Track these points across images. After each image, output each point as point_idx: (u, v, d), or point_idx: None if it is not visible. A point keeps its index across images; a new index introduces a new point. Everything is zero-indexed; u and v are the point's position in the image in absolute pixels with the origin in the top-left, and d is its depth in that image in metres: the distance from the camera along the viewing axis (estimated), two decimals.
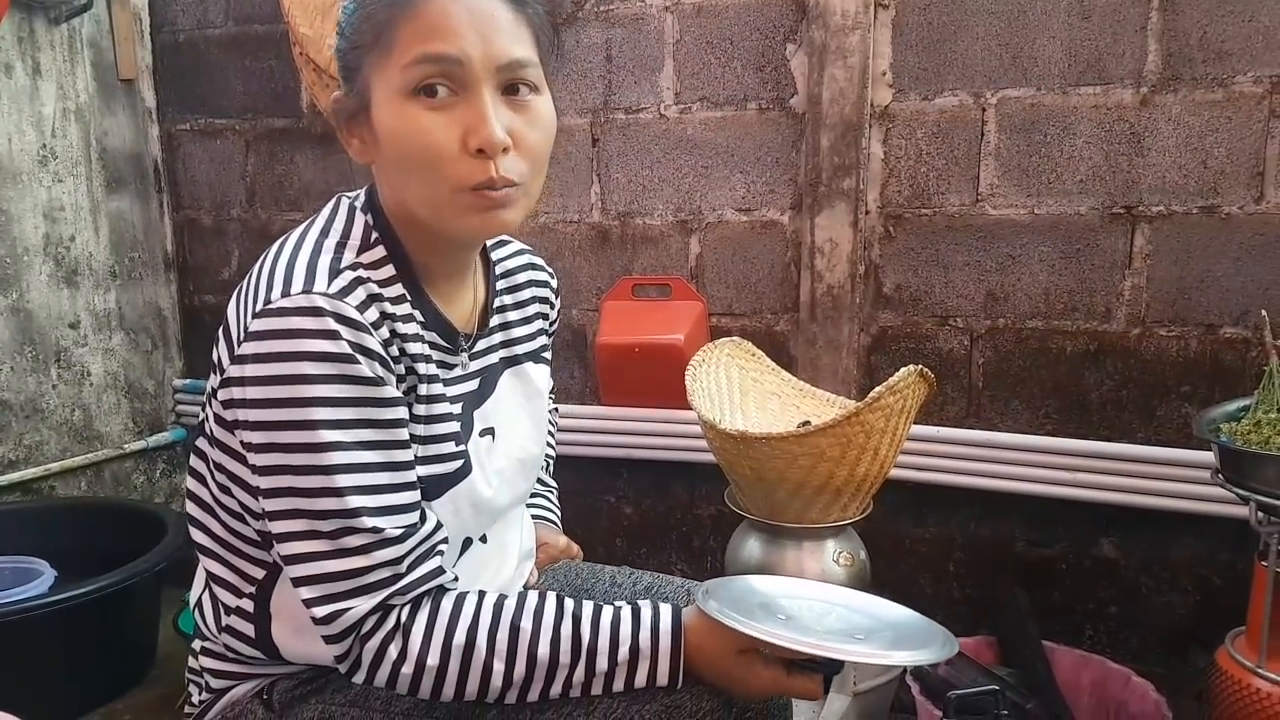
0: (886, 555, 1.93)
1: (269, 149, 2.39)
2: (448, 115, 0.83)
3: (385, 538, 0.83)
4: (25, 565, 1.93)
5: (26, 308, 2.20)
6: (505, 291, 1.06)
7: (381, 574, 0.84)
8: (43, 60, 2.20)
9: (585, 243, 2.13)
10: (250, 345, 0.81)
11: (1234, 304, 1.70)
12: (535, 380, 1.08)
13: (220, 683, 0.99)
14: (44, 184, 2.22)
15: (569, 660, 0.86)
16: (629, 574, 1.19)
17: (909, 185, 1.87)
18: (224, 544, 0.95)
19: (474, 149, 0.82)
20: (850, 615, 0.96)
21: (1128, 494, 1.75)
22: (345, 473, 0.82)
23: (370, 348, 0.82)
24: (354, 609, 0.83)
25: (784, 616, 0.93)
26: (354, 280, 0.84)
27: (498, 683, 0.86)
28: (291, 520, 0.83)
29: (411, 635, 0.85)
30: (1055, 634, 1.79)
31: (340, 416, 0.81)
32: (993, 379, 1.88)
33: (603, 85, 2.05)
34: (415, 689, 0.86)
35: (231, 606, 0.95)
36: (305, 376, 0.80)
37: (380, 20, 0.84)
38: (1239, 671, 1.39)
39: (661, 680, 0.87)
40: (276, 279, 0.83)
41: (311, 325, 0.80)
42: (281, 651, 0.94)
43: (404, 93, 0.83)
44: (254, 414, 0.82)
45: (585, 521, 2.18)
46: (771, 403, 1.70)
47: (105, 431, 2.39)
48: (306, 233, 0.90)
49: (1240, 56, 1.63)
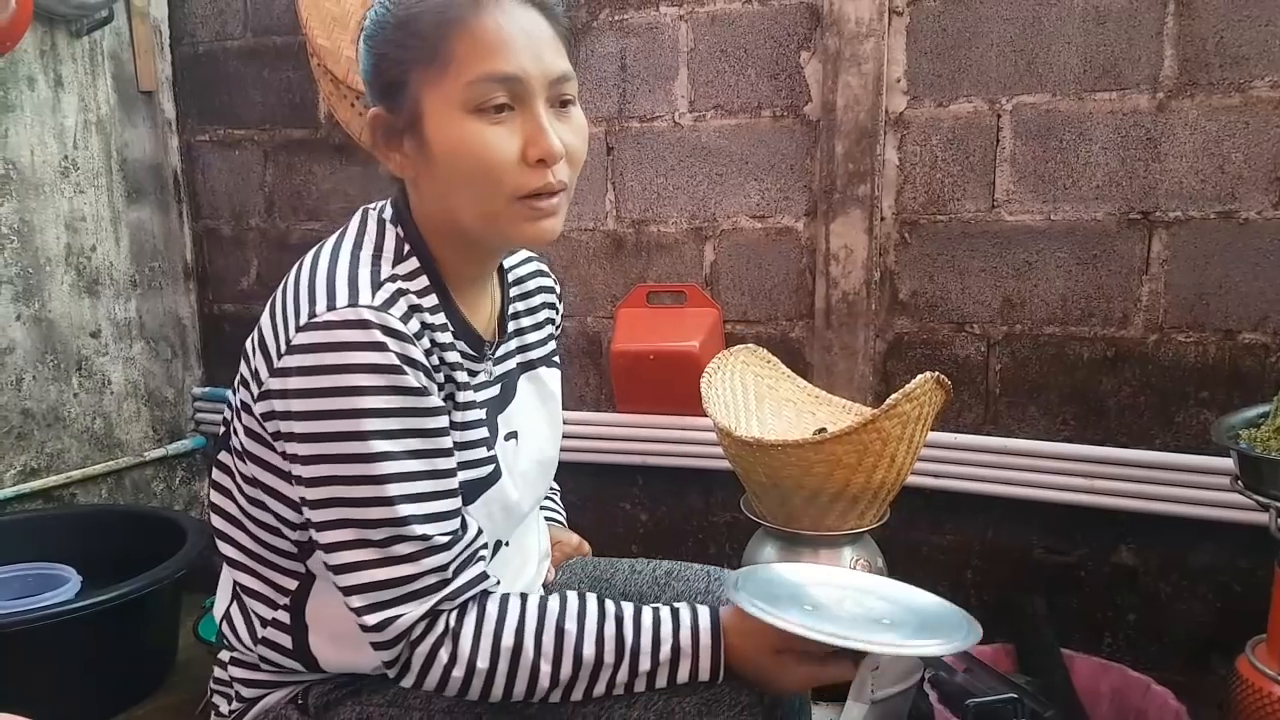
0: (903, 563, 1.93)
1: (287, 159, 2.41)
2: (507, 129, 0.85)
3: (433, 545, 0.85)
4: (52, 572, 1.95)
5: (48, 317, 2.22)
6: (519, 298, 1.08)
7: (429, 580, 0.86)
8: (64, 73, 2.23)
9: (600, 250, 2.14)
10: (295, 358, 0.82)
11: (1253, 309, 1.69)
12: (549, 384, 1.10)
13: (253, 691, 1.00)
14: (65, 195, 2.25)
15: (613, 660, 0.89)
16: (646, 562, 1.21)
17: (924, 192, 1.87)
18: (255, 556, 0.96)
19: (534, 160, 0.86)
20: (875, 602, 0.98)
21: (1146, 501, 1.74)
22: (395, 482, 0.83)
23: (415, 358, 0.83)
24: (404, 615, 0.85)
25: (810, 606, 0.95)
26: (395, 292, 0.86)
27: (544, 683, 0.88)
28: (341, 530, 0.84)
29: (461, 639, 0.87)
30: (1074, 641, 1.78)
31: (389, 427, 0.82)
32: (1010, 385, 1.87)
33: (617, 94, 2.06)
34: (465, 691, 0.88)
35: (267, 619, 0.96)
36: (355, 388, 0.81)
37: (430, 36, 0.84)
38: (1260, 679, 1.38)
39: (703, 677, 0.90)
40: (319, 292, 0.84)
41: (360, 338, 0.81)
42: (320, 663, 0.95)
43: (466, 109, 0.84)
44: (301, 426, 0.83)
45: (600, 528, 2.18)
46: (787, 410, 1.70)
47: (126, 439, 2.41)
48: (340, 245, 0.90)
49: (1258, 61, 1.62)
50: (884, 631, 0.91)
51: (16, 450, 2.16)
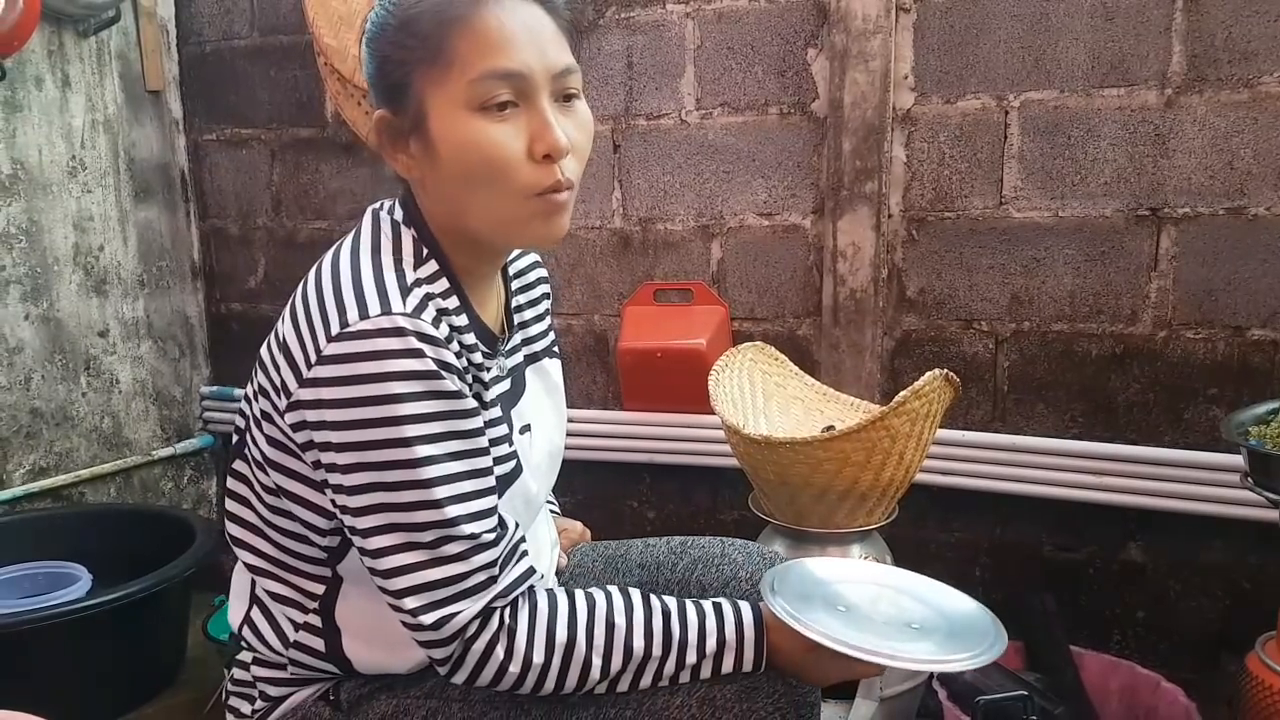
0: (912, 560, 1.92)
1: (294, 158, 2.42)
2: (513, 125, 0.85)
3: (481, 543, 0.86)
4: (62, 570, 1.96)
5: (57, 316, 2.23)
6: (520, 291, 1.09)
7: (480, 577, 0.86)
8: (72, 73, 2.23)
9: (607, 248, 2.14)
10: (329, 369, 0.82)
11: (1262, 305, 1.68)
12: (553, 374, 1.11)
13: (280, 690, 1.00)
14: (73, 194, 2.25)
15: (660, 653, 0.90)
16: (659, 539, 1.21)
17: (932, 188, 1.86)
18: (280, 564, 0.96)
19: (541, 155, 0.85)
20: (908, 603, 1.00)
21: (1155, 497, 1.74)
22: (442, 485, 0.84)
23: (450, 362, 0.84)
24: (461, 614, 0.86)
25: (843, 607, 0.97)
26: (424, 297, 0.86)
27: (595, 675, 0.90)
28: (388, 535, 0.84)
29: (517, 636, 0.88)
30: (1083, 639, 1.78)
31: (431, 431, 0.83)
32: (1018, 382, 1.87)
33: (624, 92, 2.06)
34: (519, 686, 0.89)
35: (299, 623, 0.96)
36: (394, 396, 0.81)
37: (431, 35, 0.84)
38: (1270, 676, 1.38)
39: (746, 668, 0.92)
40: (347, 301, 0.83)
41: (397, 345, 0.81)
42: (355, 664, 0.96)
43: (470, 107, 0.84)
44: (339, 435, 0.83)
45: (608, 526, 2.18)
46: (795, 407, 1.70)
47: (134, 438, 2.42)
48: (358, 249, 0.89)
49: (1266, 57, 1.62)
50: (913, 639, 0.93)
51: (25, 449, 2.17)
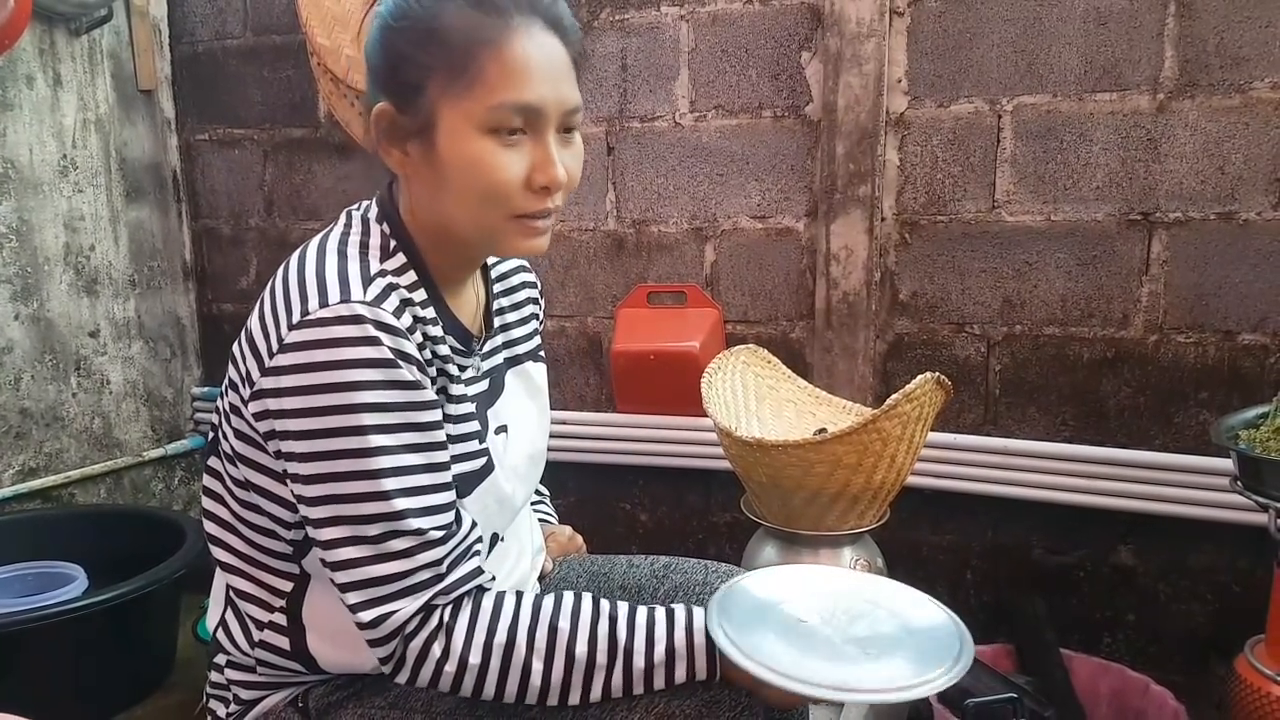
0: (903, 562, 1.93)
1: (287, 158, 2.41)
2: (517, 152, 0.86)
3: (428, 540, 0.85)
4: (54, 571, 1.95)
5: (47, 316, 2.22)
6: (502, 294, 1.10)
7: (424, 575, 0.86)
8: (63, 71, 2.22)
9: (600, 250, 2.14)
10: (288, 356, 0.82)
11: (1252, 310, 1.69)
12: (535, 378, 1.11)
13: (252, 694, 1.00)
14: (64, 194, 2.24)
15: (606, 660, 0.88)
16: (644, 558, 1.21)
17: (925, 192, 1.87)
18: (249, 560, 0.96)
19: (539, 186, 0.87)
20: (869, 616, 0.94)
21: (1146, 501, 1.74)
22: (391, 476, 0.83)
23: (409, 352, 0.84)
24: (399, 611, 0.85)
25: (798, 619, 0.93)
26: (387, 287, 0.86)
27: (537, 681, 0.87)
28: (337, 527, 0.84)
29: (455, 634, 0.87)
30: (1073, 642, 1.78)
31: (385, 421, 0.82)
32: (1010, 386, 1.87)
33: (618, 94, 2.06)
34: (457, 688, 0.88)
35: (264, 621, 0.96)
36: (350, 384, 0.81)
37: (459, 50, 0.84)
38: (1258, 679, 1.38)
39: (700, 676, 0.89)
40: (310, 290, 0.84)
41: (354, 333, 0.81)
42: (320, 663, 0.95)
43: (482, 128, 0.85)
44: (296, 423, 0.83)
45: (600, 528, 2.18)
46: (787, 410, 1.70)
47: (124, 439, 2.41)
48: (325, 244, 0.90)
49: (1258, 62, 1.63)
50: (870, 661, 0.87)
51: (15, 450, 2.16)
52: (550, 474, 1.81)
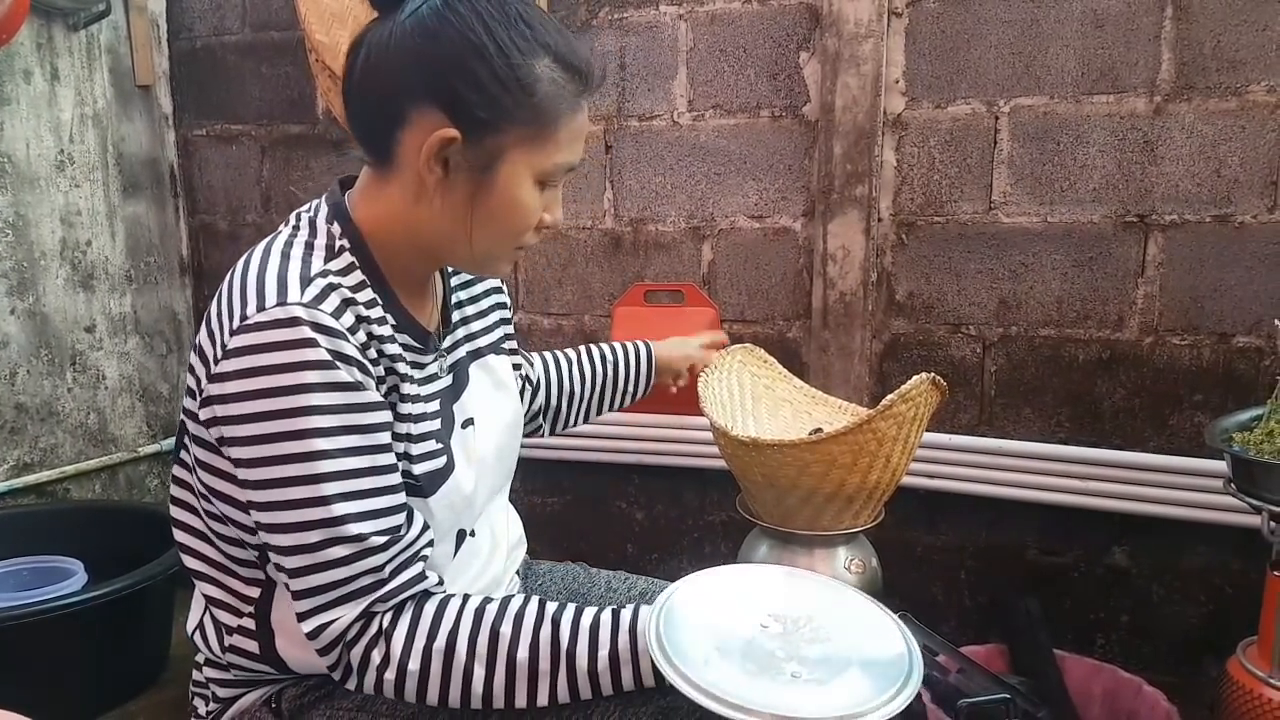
0: (898, 562, 1.94)
1: (284, 155, 2.41)
2: (543, 197, 0.94)
3: (368, 546, 0.84)
4: (54, 565, 1.95)
5: (43, 311, 2.22)
6: (461, 288, 1.10)
7: (364, 581, 0.85)
8: (61, 66, 2.22)
9: (598, 249, 2.14)
10: (230, 363, 0.82)
11: (1247, 313, 1.70)
12: (499, 371, 1.11)
13: (228, 692, 1.00)
14: (61, 189, 2.24)
15: (549, 666, 0.86)
16: (624, 578, 1.20)
17: (922, 193, 1.87)
18: (219, 566, 0.96)
19: (545, 226, 0.96)
20: (819, 637, 0.89)
21: (1140, 503, 1.75)
22: (332, 480, 0.82)
23: (348, 354, 0.83)
24: (339, 619, 0.85)
25: (765, 625, 0.89)
26: (326, 287, 0.85)
27: (479, 688, 0.86)
28: (283, 535, 0.84)
29: (394, 641, 0.86)
30: (1067, 642, 1.79)
31: (325, 424, 0.82)
32: (1005, 387, 1.88)
33: (616, 92, 2.06)
34: (400, 694, 0.87)
35: (233, 626, 0.96)
36: (287, 388, 0.80)
37: (543, 108, 0.88)
38: (1251, 681, 1.39)
39: (648, 682, 0.86)
40: (249, 294, 0.83)
41: (290, 336, 0.81)
42: (289, 664, 0.95)
43: (536, 177, 0.91)
44: (240, 430, 0.82)
45: (596, 527, 2.19)
46: (783, 410, 1.70)
47: (120, 435, 2.41)
48: (271, 246, 0.90)
49: (1254, 66, 1.63)
50: (788, 686, 0.82)
51: (9, 445, 2.16)
52: (546, 472, 1.83)
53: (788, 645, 0.88)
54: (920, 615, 1.67)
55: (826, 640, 0.89)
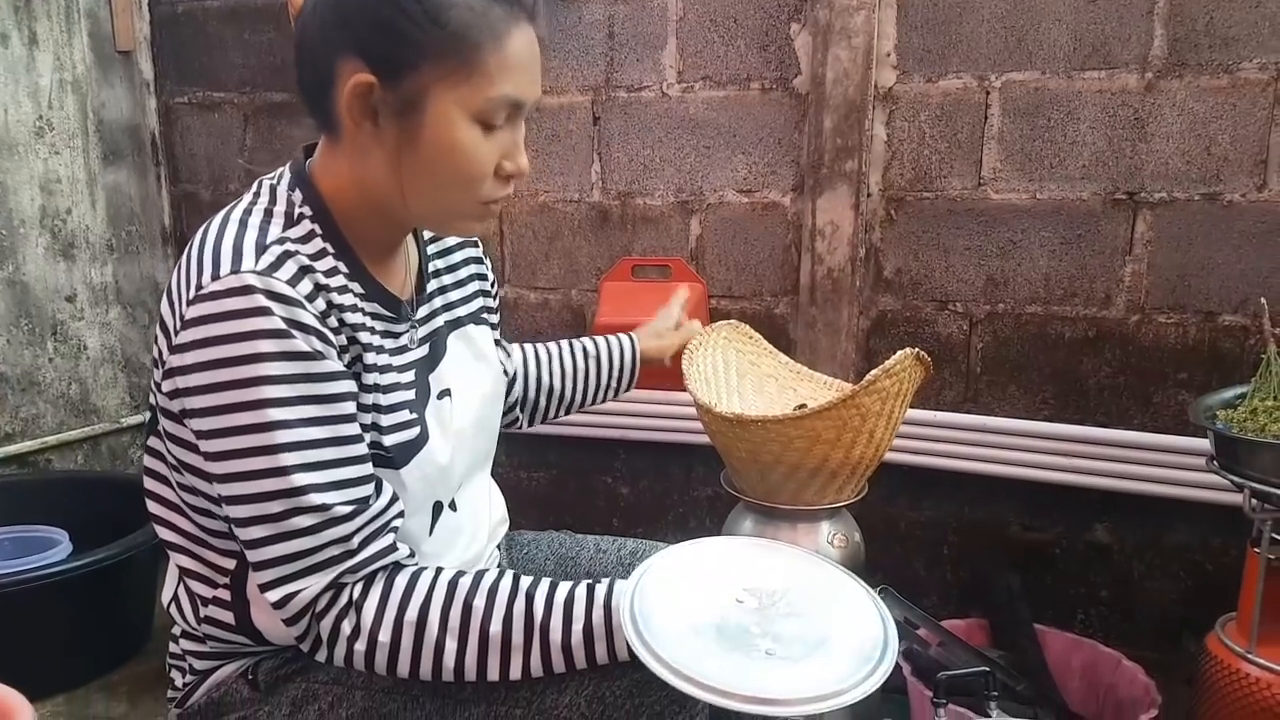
0: (881, 537, 1.94)
1: (267, 123, 2.38)
2: (495, 142, 0.88)
3: (333, 516, 0.83)
4: (36, 535, 1.94)
5: (23, 280, 2.19)
6: (437, 256, 1.08)
7: (332, 552, 0.84)
8: (39, 30, 2.18)
9: (585, 222, 2.12)
10: (187, 333, 0.81)
11: (1234, 291, 1.70)
12: (479, 341, 1.09)
13: (205, 664, 1.00)
14: (40, 156, 2.21)
15: (522, 640, 0.86)
16: (613, 540, 1.20)
17: (911, 168, 1.86)
18: (193, 538, 0.95)
19: (506, 174, 0.90)
20: (796, 614, 0.89)
21: (1123, 479, 1.76)
22: (291, 451, 0.81)
23: (304, 322, 0.82)
24: (306, 589, 0.84)
25: (741, 600, 0.88)
26: (282, 254, 0.84)
27: (450, 661, 0.86)
28: (243, 505, 0.83)
29: (364, 612, 0.85)
30: (1047, 617, 1.80)
31: (282, 394, 0.81)
32: (991, 364, 1.88)
33: (604, 62, 2.04)
34: (370, 665, 0.87)
35: (208, 598, 0.95)
36: (241, 358, 0.80)
37: (461, 38, 0.83)
38: (1229, 656, 1.40)
39: (622, 657, 0.86)
40: (205, 263, 0.82)
41: (243, 305, 0.80)
42: (265, 635, 0.95)
43: (473, 118, 0.86)
44: (198, 400, 0.82)
45: (581, 502, 2.19)
46: (769, 385, 1.70)
47: (102, 405, 2.39)
48: (230, 214, 0.89)
49: (1246, 43, 1.62)
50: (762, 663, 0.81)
51: None
52: (531, 446, 1.82)
53: (762, 621, 0.87)
54: (902, 590, 1.69)
55: (801, 615, 0.89)
